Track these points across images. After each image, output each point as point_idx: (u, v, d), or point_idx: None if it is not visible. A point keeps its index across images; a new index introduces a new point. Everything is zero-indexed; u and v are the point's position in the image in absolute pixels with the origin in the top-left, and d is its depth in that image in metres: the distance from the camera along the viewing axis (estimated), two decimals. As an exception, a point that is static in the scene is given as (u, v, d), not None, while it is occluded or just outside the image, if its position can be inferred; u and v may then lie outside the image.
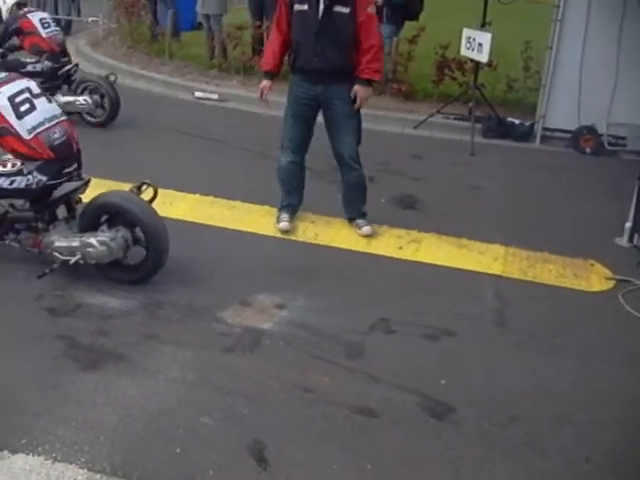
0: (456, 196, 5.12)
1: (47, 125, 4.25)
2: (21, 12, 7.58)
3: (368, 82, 4.98)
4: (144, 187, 4.37)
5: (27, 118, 4.18)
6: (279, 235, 5.22)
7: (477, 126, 7.90)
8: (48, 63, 7.47)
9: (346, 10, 4.75)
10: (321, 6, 4.77)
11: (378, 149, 7.36)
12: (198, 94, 9.40)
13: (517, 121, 8.24)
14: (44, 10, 13.71)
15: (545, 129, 8.09)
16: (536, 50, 8.58)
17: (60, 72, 7.59)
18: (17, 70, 7.24)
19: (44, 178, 4.20)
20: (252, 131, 7.90)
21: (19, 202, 4.49)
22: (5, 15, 7.73)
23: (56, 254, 4.30)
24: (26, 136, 4.15)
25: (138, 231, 4.29)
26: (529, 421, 3.38)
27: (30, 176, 4.19)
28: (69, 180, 4.34)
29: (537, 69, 8.54)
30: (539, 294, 4.63)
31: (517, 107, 8.70)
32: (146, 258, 4.33)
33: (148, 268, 4.35)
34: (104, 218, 4.36)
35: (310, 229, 5.33)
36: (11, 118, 4.14)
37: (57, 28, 7.94)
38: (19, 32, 7.47)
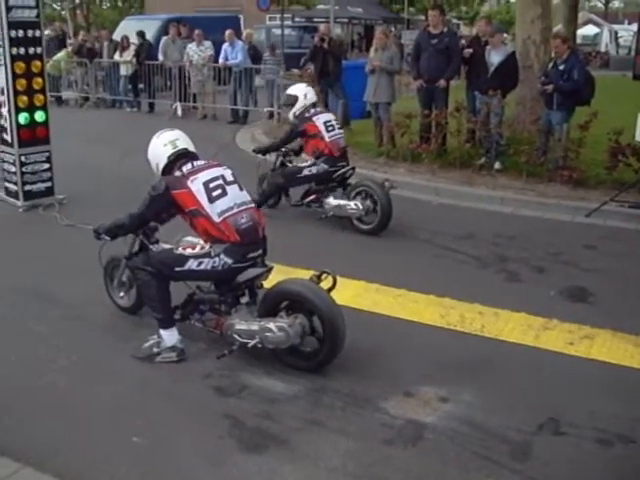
0: (633, 290, 4.80)
1: (236, 210, 4.47)
2: (308, 114, 7.53)
3: None
4: (324, 276, 4.47)
5: (218, 202, 4.42)
6: (445, 325, 5.14)
7: (655, 215, 7.53)
8: (324, 166, 7.44)
9: None
10: None
11: (548, 238, 7.19)
12: (366, 181, 9.57)
13: (700, 209, 7.77)
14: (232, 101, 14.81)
15: None
16: None
17: (335, 175, 7.49)
18: (294, 176, 7.50)
19: (230, 261, 4.40)
20: (419, 219, 7.94)
21: (205, 284, 4.73)
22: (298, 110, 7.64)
23: (236, 336, 4.47)
24: (216, 219, 4.39)
25: (316, 319, 4.34)
26: None
27: (217, 258, 4.40)
28: (253, 265, 4.50)
29: None
30: None
31: (699, 194, 8.21)
32: (322, 346, 4.36)
33: (324, 356, 4.36)
34: (284, 304, 4.46)
35: (477, 320, 5.21)
36: (204, 201, 4.41)
37: (341, 131, 7.73)
38: (303, 134, 7.54)
